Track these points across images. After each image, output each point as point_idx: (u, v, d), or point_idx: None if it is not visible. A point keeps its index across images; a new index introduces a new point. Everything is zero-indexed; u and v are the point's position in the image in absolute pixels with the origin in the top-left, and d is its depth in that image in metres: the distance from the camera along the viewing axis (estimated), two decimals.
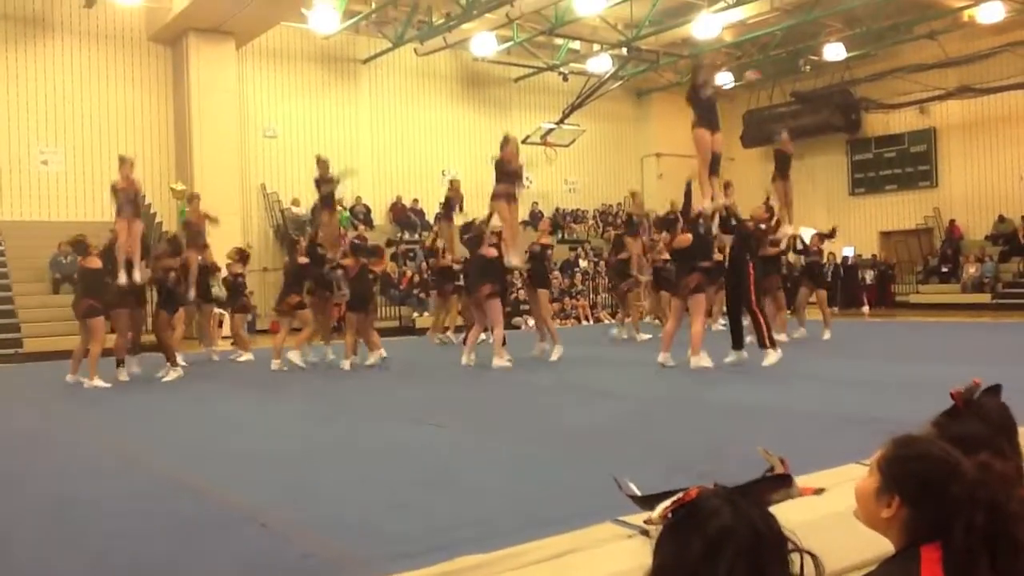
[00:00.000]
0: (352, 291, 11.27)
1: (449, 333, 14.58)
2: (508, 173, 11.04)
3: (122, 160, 10.96)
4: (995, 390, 2.17)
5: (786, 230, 13.97)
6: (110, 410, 8.36)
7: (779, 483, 1.41)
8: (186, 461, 5.49)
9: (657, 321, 14.72)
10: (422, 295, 19.68)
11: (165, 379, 10.23)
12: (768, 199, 12.87)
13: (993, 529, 1.50)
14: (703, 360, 9.44)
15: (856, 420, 5.88)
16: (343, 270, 11.66)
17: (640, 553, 3.01)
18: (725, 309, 11.03)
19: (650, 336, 13.56)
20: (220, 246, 13.90)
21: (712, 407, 7.16)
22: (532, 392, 8.69)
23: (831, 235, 14.07)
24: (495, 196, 11.15)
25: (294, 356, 11.29)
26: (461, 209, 15.79)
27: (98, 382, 9.73)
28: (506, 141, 11.20)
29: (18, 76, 18.50)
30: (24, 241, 17.56)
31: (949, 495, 1.55)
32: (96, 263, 10.21)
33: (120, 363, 10.47)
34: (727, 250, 10.52)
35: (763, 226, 10.84)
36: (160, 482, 4.91)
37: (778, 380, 8.74)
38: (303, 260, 11.67)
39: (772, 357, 9.55)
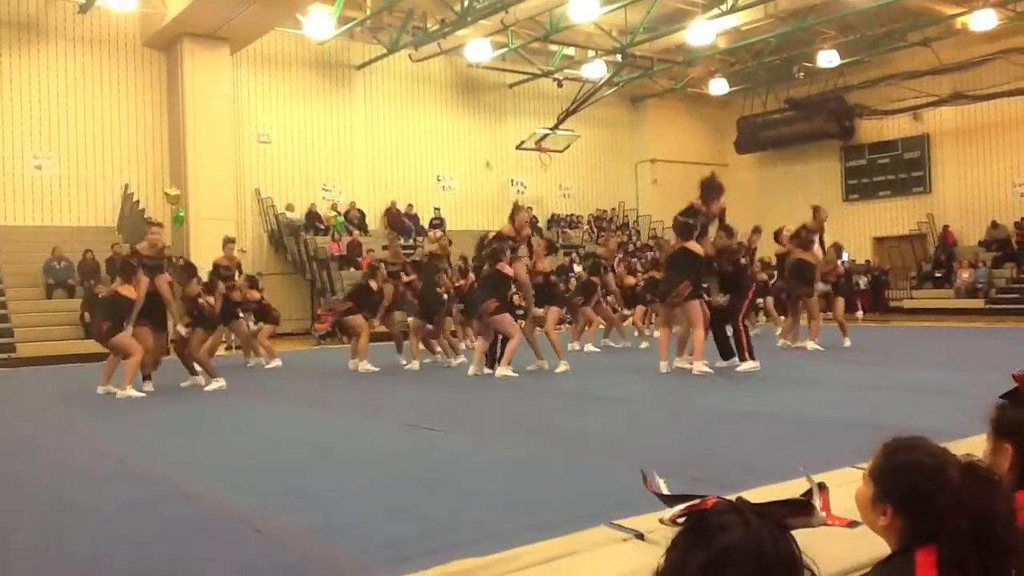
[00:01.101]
0: (420, 302, 11.93)
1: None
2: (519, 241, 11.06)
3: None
4: None
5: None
6: (106, 415, 8.34)
7: (801, 508, 1.36)
8: (182, 466, 5.48)
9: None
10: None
11: (208, 388, 9.85)
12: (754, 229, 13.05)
13: (980, 534, 1.50)
14: (747, 364, 9.59)
15: (851, 424, 5.89)
16: (410, 287, 12.39)
17: (635, 557, 3.03)
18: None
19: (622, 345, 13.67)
20: (214, 251, 13.90)
21: (707, 412, 7.17)
22: (528, 397, 8.69)
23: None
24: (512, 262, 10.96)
25: (364, 365, 11.40)
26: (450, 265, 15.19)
27: (131, 391, 9.34)
28: (516, 210, 11.00)
29: (12, 81, 18.49)
30: (18, 246, 17.54)
31: (936, 504, 1.54)
32: (130, 291, 9.68)
33: (147, 377, 9.92)
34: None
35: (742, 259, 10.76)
36: (156, 487, 4.90)
37: (774, 385, 8.76)
38: (374, 285, 12.00)
39: (749, 365, 9.65)
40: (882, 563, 1.65)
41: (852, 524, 1.54)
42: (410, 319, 12.71)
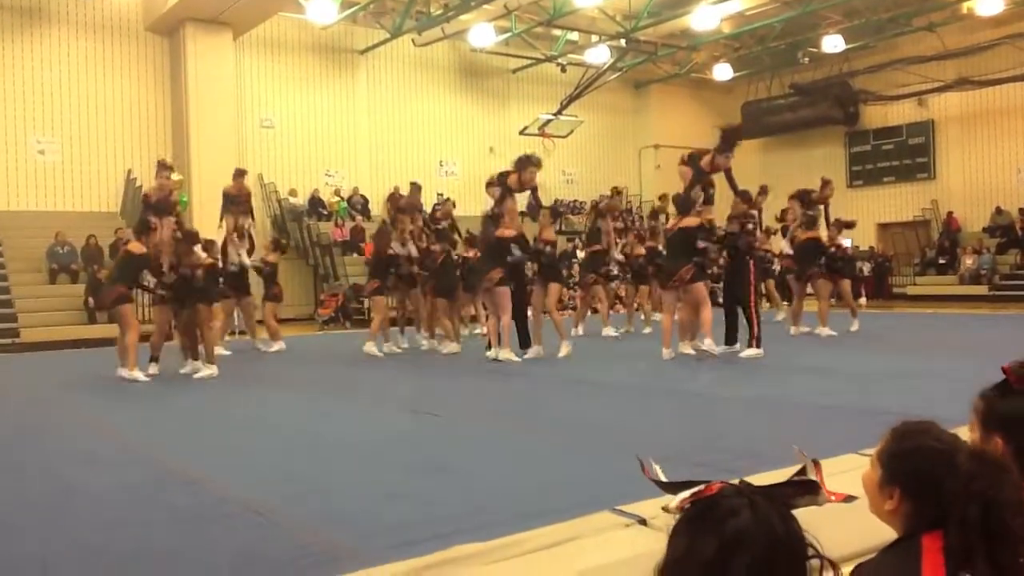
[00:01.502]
0: (437, 279, 11.76)
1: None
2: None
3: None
4: None
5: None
6: (108, 401, 8.36)
7: (806, 488, 1.37)
8: (185, 452, 5.49)
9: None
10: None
11: (197, 376, 9.60)
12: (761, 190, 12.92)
13: (988, 521, 1.49)
14: (711, 345, 9.53)
15: (855, 411, 5.89)
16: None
17: (638, 542, 3.03)
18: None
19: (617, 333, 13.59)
20: (218, 236, 13.88)
21: (709, 399, 7.18)
22: (530, 383, 8.69)
23: (850, 225, 13.81)
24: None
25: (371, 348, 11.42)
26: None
27: (137, 373, 9.23)
28: (526, 163, 10.95)
29: (15, 66, 18.45)
30: (21, 231, 17.55)
31: (945, 489, 1.53)
32: (140, 248, 9.49)
33: (155, 359, 9.87)
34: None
35: (750, 224, 10.66)
36: (159, 473, 4.91)
37: (776, 371, 8.76)
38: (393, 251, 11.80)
39: (753, 352, 9.64)
40: (888, 548, 1.65)
41: (848, 499, 1.54)
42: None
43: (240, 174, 13.71)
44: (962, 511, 1.50)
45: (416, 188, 13.69)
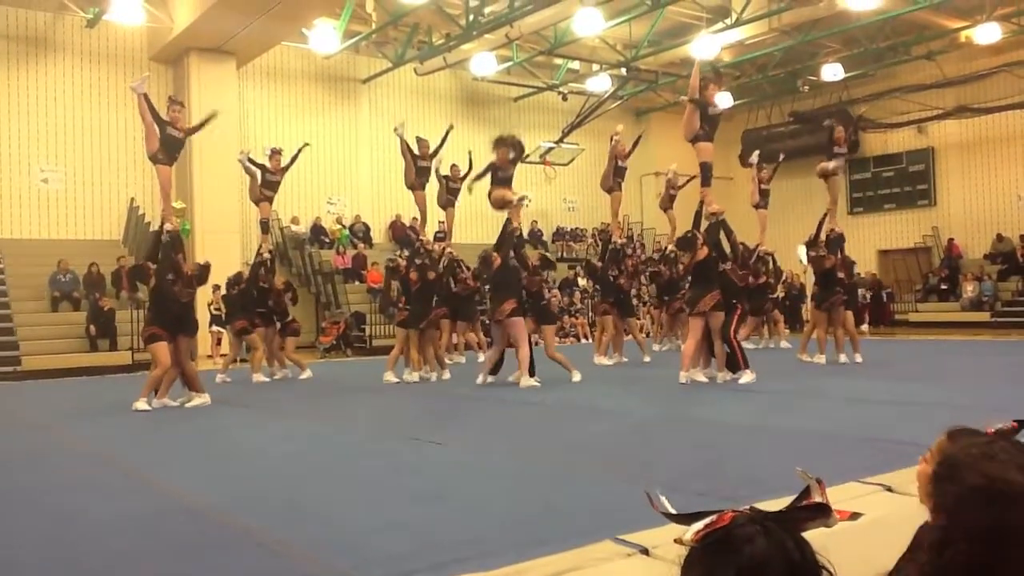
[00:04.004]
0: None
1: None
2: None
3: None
4: None
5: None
6: (109, 429, 8.34)
7: (817, 512, 1.37)
8: (186, 481, 5.47)
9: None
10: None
11: (189, 404, 9.61)
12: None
13: (990, 545, 1.45)
14: (746, 376, 9.74)
15: (857, 438, 5.87)
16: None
17: (641, 572, 3.01)
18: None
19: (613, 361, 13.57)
20: (219, 265, 13.90)
21: (712, 426, 7.15)
22: (530, 411, 8.67)
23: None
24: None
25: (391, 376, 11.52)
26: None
27: (141, 403, 9.24)
28: (499, 143, 11.58)
29: (20, 95, 18.58)
30: (23, 259, 17.59)
31: (955, 504, 1.51)
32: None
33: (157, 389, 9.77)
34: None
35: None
36: (160, 502, 4.89)
37: (778, 399, 8.73)
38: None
39: (747, 376, 9.77)
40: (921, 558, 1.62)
41: (854, 516, 1.53)
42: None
43: (276, 152, 13.96)
44: (965, 531, 1.47)
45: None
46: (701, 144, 10.51)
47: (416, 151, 13.19)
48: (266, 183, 13.35)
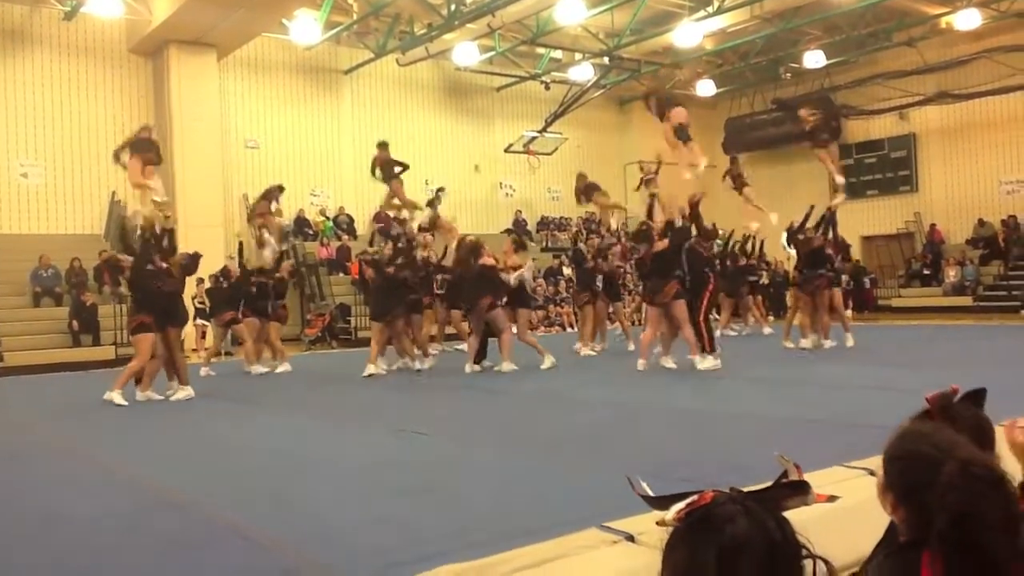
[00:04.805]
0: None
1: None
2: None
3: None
4: (978, 396, 2.02)
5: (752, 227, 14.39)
6: (93, 426, 8.30)
7: (796, 490, 1.37)
8: (170, 476, 5.45)
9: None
10: None
11: (174, 397, 9.55)
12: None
13: (963, 536, 1.43)
14: (707, 361, 9.84)
15: (841, 423, 5.91)
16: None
17: (627, 559, 3.02)
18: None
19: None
20: (203, 257, 13.82)
21: (694, 413, 7.18)
22: (514, 401, 8.68)
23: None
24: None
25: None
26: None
27: (116, 396, 9.17)
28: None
29: None
30: (4, 254, 17.41)
31: (926, 499, 1.49)
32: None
33: (138, 381, 9.69)
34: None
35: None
36: (145, 498, 4.87)
37: (761, 385, 8.77)
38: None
39: (709, 362, 9.82)
40: (891, 551, 1.62)
41: (831, 498, 1.53)
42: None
43: (384, 145, 14.44)
44: (939, 524, 1.46)
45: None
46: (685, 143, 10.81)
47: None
48: None
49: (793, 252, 12.78)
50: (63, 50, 19.16)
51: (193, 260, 10.49)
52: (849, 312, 19.80)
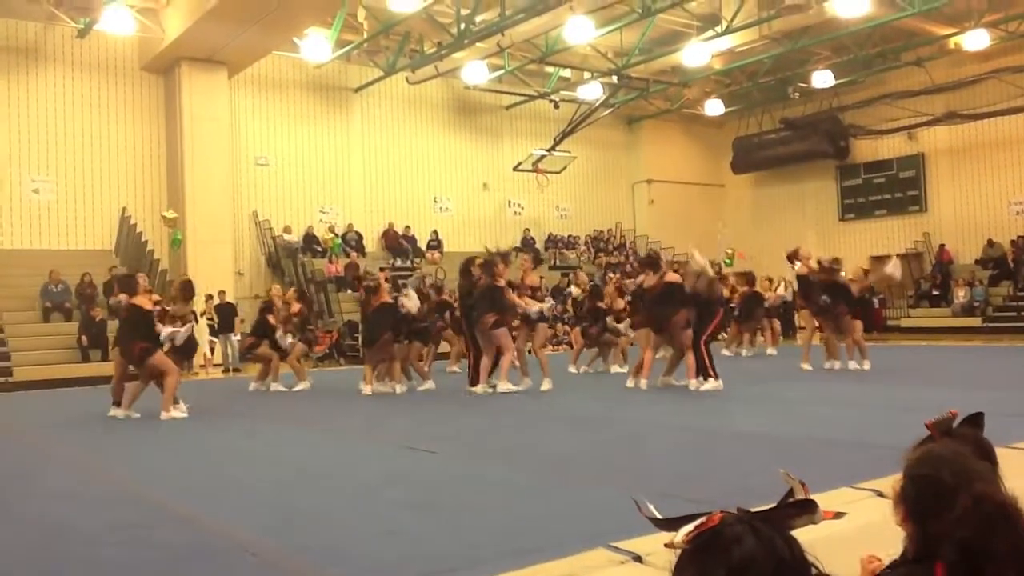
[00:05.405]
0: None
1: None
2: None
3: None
4: (976, 420, 2.06)
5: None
6: (101, 440, 8.31)
7: (803, 509, 1.38)
8: (178, 490, 5.46)
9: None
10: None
11: (164, 416, 9.38)
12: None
13: (973, 571, 1.46)
14: (709, 384, 9.98)
15: (847, 445, 5.89)
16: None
17: None
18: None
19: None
20: (212, 273, 13.94)
21: (700, 433, 7.15)
22: (522, 419, 8.67)
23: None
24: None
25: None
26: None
27: (175, 412, 9.28)
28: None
29: (10, 105, 18.54)
30: (14, 269, 17.52)
31: (934, 527, 1.53)
32: (146, 303, 9.53)
33: (117, 403, 9.66)
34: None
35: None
36: (151, 512, 4.88)
37: (769, 405, 8.75)
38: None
39: (711, 384, 9.98)
40: (900, 565, 1.63)
41: (837, 515, 1.54)
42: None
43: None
44: (948, 554, 1.49)
45: None
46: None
47: None
48: None
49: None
50: (76, 67, 19.32)
51: (186, 289, 10.50)
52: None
